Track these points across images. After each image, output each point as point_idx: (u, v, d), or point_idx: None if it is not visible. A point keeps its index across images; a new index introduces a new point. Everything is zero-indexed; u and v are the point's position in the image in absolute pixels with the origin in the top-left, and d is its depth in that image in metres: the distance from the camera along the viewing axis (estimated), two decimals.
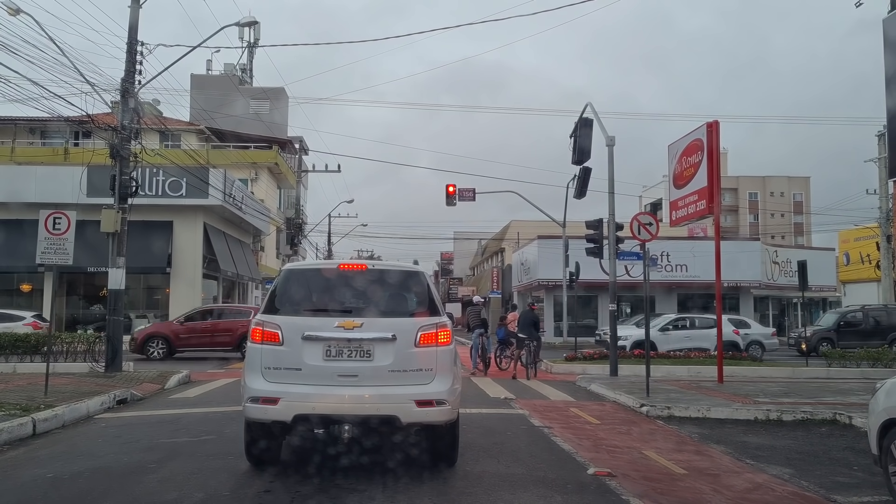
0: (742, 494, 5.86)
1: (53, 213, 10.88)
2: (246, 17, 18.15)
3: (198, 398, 11.69)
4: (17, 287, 25.89)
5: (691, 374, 16.17)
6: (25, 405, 9.08)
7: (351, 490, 5.50)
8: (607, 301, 17.96)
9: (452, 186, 25.95)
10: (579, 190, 18.13)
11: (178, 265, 26.05)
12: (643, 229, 13.09)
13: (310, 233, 45.51)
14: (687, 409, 10.19)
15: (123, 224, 14.78)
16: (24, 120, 31.67)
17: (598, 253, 17.59)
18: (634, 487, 5.83)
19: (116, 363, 14.53)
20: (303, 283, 6.37)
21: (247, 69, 47.89)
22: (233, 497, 5.49)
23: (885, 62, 11.26)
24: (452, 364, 6.02)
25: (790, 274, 35.55)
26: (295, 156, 44.95)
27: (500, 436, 8.28)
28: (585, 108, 16.79)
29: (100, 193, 17.21)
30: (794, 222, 72.32)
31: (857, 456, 7.24)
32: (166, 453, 6.99)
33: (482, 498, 5.47)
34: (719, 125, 13.98)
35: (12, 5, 13.02)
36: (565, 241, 28.17)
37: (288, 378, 5.68)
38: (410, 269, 6.72)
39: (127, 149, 14.82)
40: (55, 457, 6.98)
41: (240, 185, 30.10)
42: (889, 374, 9.10)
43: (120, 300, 14.93)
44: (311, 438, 6.65)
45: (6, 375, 13.60)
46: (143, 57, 15.00)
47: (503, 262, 52.17)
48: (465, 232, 63.50)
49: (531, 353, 16.18)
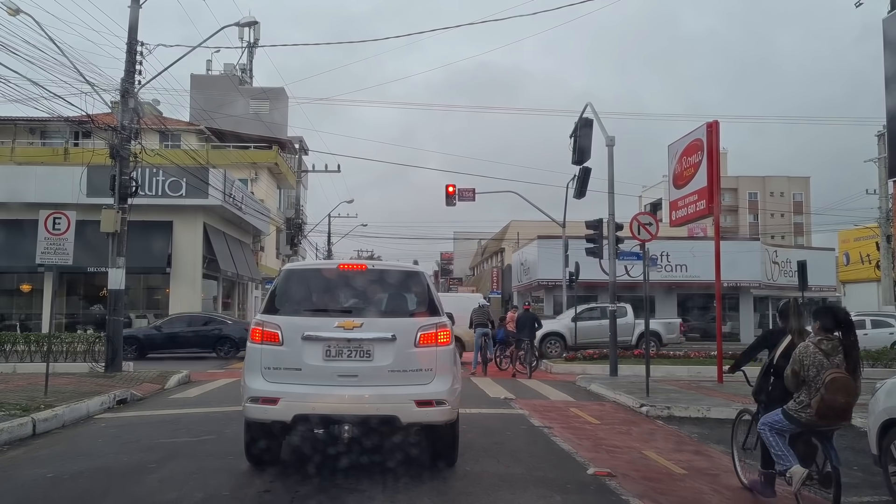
0: (742, 494, 5.86)
1: (53, 213, 10.88)
2: (246, 18, 18.18)
3: (198, 398, 11.69)
4: (17, 287, 25.90)
5: (691, 374, 16.18)
6: (25, 405, 9.08)
7: (351, 490, 5.50)
8: (607, 301, 17.96)
9: (452, 186, 25.93)
10: (579, 190, 18.14)
11: (177, 265, 26.04)
12: (643, 229, 13.10)
13: (310, 233, 45.50)
14: (687, 409, 10.20)
15: (123, 224, 14.78)
16: (24, 120, 31.63)
17: (598, 253, 17.60)
18: (634, 487, 5.83)
19: (116, 363, 14.54)
20: (303, 284, 6.37)
21: (247, 69, 47.90)
22: (233, 497, 5.50)
23: (885, 62, 11.27)
24: (452, 364, 6.03)
25: (790, 274, 35.57)
26: (295, 156, 44.95)
27: (500, 436, 8.28)
28: (585, 108, 16.80)
29: (100, 193, 17.21)
30: (794, 222, 72.34)
31: (857, 456, 7.23)
32: (166, 453, 6.99)
33: (482, 498, 5.48)
34: (719, 125, 13.99)
35: (12, 5, 13.02)
36: (565, 241, 28.15)
37: (288, 378, 5.68)
38: (410, 269, 6.73)
39: (127, 149, 14.82)
40: (55, 457, 6.98)
41: (240, 186, 30.10)
42: (889, 374, 9.10)
43: (120, 300, 14.94)
44: (311, 438, 6.65)
45: (6, 375, 13.60)
46: (142, 57, 15.02)
47: (503, 262, 52.19)
48: (465, 232, 63.47)
49: (528, 353, 16.22)
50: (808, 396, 4.98)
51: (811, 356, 4.98)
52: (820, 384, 4.87)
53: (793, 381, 5.12)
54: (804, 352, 5.03)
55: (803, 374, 5.01)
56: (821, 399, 4.84)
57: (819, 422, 4.97)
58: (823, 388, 4.84)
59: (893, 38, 11.23)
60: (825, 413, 4.87)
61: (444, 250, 79.73)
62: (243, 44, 43.98)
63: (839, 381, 4.83)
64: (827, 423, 5.00)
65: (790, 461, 5.05)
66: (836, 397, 4.81)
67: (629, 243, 17.28)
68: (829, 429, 5.08)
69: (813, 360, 4.96)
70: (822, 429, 5.05)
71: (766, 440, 5.27)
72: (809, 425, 5.04)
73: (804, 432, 5.14)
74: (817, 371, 4.92)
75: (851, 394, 4.86)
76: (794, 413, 5.07)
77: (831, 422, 4.99)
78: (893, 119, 11.55)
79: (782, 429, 5.18)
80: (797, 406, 5.06)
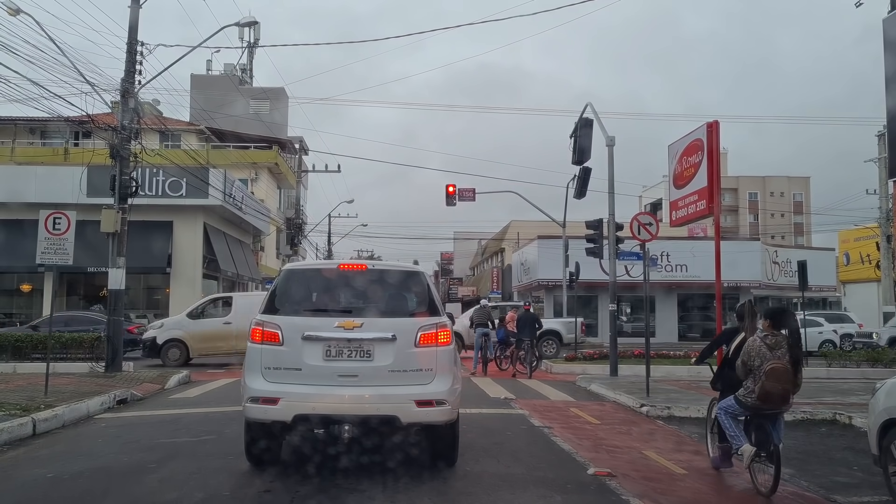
0: (742, 494, 5.87)
1: (53, 213, 10.88)
2: (246, 18, 18.17)
3: (198, 398, 11.70)
4: (17, 287, 25.91)
5: (691, 375, 16.12)
6: (25, 405, 9.08)
7: (351, 490, 5.50)
8: (607, 301, 17.96)
9: (452, 186, 25.93)
10: (579, 190, 18.14)
11: (178, 265, 26.04)
12: (643, 229, 13.10)
13: (310, 233, 45.50)
14: (687, 409, 10.19)
15: (123, 224, 14.78)
16: (24, 120, 31.63)
17: (598, 253, 17.60)
18: (634, 487, 5.83)
19: (116, 363, 14.55)
20: (303, 284, 6.37)
21: (247, 69, 47.90)
22: (233, 497, 5.50)
23: (885, 62, 11.25)
24: (452, 364, 6.03)
25: (790, 274, 35.55)
26: (295, 156, 44.95)
27: (500, 436, 8.28)
28: (585, 108, 16.80)
29: (100, 193, 17.21)
30: (794, 222, 72.32)
31: (857, 456, 7.24)
32: (166, 453, 6.99)
33: (482, 498, 5.48)
34: (719, 125, 13.96)
35: (12, 5, 13.02)
36: (565, 241, 28.15)
37: (288, 378, 5.68)
38: (410, 269, 6.73)
39: (127, 149, 14.82)
40: (55, 457, 6.98)
41: (240, 185, 30.10)
42: (889, 374, 9.11)
43: (120, 300, 14.94)
44: (311, 438, 6.66)
45: (6, 375, 13.59)
46: (143, 57, 15.02)
47: (503, 262, 52.17)
48: (465, 232, 63.43)
49: (528, 353, 16.22)
50: (753, 383, 5.75)
51: (757, 349, 5.74)
52: (762, 373, 5.64)
53: (742, 370, 5.90)
54: (751, 345, 5.81)
55: (750, 364, 5.78)
56: (762, 386, 5.63)
57: (762, 405, 5.74)
58: (764, 376, 5.62)
59: (893, 38, 11.21)
60: (766, 398, 5.65)
61: (445, 250, 79.70)
62: (243, 44, 43.96)
63: (778, 371, 5.59)
64: (769, 407, 5.76)
65: (741, 441, 5.85)
66: (775, 384, 5.60)
67: (629, 243, 17.27)
68: (773, 412, 5.82)
69: (758, 352, 5.72)
70: (767, 412, 5.81)
71: (722, 422, 6.08)
72: (755, 409, 5.81)
73: (755, 416, 5.89)
74: (761, 362, 5.68)
75: (789, 382, 5.66)
76: (742, 398, 5.86)
77: (773, 405, 5.75)
78: (893, 119, 11.53)
79: (735, 412, 5.99)
80: (745, 392, 5.84)
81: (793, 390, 5.73)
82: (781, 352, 5.69)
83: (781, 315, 5.93)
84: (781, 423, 5.91)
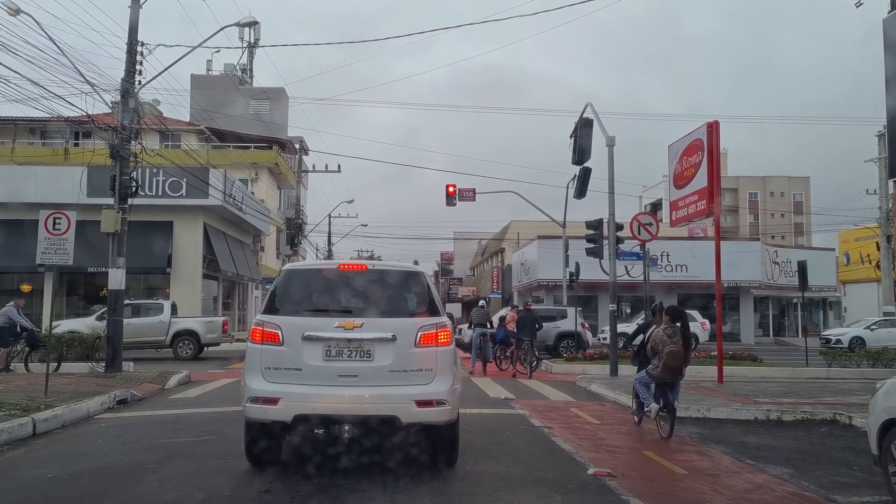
0: (742, 495, 5.86)
1: (53, 213, 10.88)
2: (246, 18, 18.15)
3: (198, 398, 11.69)
4: (17, 287, 25.88)
5: (691, 374, 16.12)
6: (25, 405, 9.07)
7: (351, 490, 5.50)
8: (607, 301, 17.95)
9: (452, 187, 25.92)
10: (579, 190, 18.12)
11: (178, 265, 26.06)
12: (643, 229, 13.12)
13: (310, 233, 45.50)
14: (687, 410, 10.18)
15: (123, 224, 14.77)
16: (24, 120, 31.66)
17: (598, 253, 17.58)
18: (634, 487, 5.83)
19: (116, 363, 14.54)
20: (303, 284, 6.36)
21: (247, 69, 47.92)
22: (233, 497, 5.49)
23: (886, 62, 11.23)
24: (452, 364, 6.02)
25: (790, 274, 35.56)
26: (295, 156, 44.95)
27: (500, 436, 8.28)
28: (585, 108, 16.78)
29: (100, 193, 17.21)
30: (794, 222, 72.30)
31: (857, 456, 7.23)
32: (166, 453, 6.98)
33: (482, 498, 5.47)
34: (719, 125, 13.97)
35: (12, 5, 13.01)
36: (565, 241, 28.14)
37: (288, 378, 5.68)
38: (410, 269, 6.71)
39: (127, 149, 14.81)
40: (55, 457, 6.98)
41: (240, 186, 30.12)
42: (889, 374, 9.11)
43: (120, 300, 14.93)
44: (311, 438, 6.65)
45: (6, 375, 13.59)
46: (143, 57, 15.01)
47: (503, 262, 52.15)
48: (465, 232, 63.46)
49: (528, 353, 16.22)
50: (658, 361, 8.12)
51: (660, 337, 8.15)
52: (663, 354, 8.01)
53: (651, 352, 8.30)
54: (656, 334, 8.27)
55: (656, 348, 8.17)
56: (663, 363, 8.04)
57: (664, 376, 8.16)
58: (665, 356, 8.01)
59: (893, 38, 11.20)
60: (666, 371, 8.09)
61: (445, 250, 79.66)
62: (243, 44, 44.05)
63: (674, 352, 7.99)
64: (669, 377, 8.17)
65: (650, 401, 8.33)
66: (671, 362, 8.01)
67: (629, 243, 17.30)
68: (671, 381, 8.23)
69: (661, 340, 8.12)
70: (667, 381, 8.22)
71: (637, 389, 8.75)
72: (659, 379, 8.23)
73: (659, 384, 8.27)
74: (662, 346, 8.06)
75: (682, 360, 8.08)
76: (651, 372, 8.28)
77: (671, 376, 8.17)
78: (894, 119, 11.51)
79: (646, 382, 8.43)
80: (652, 368, 8.24)
81: (683, 366, 8.16)
82: (677, 338, 8.02)
83: (676, 312, 8.35)
84: (678, 389, 8.42)
